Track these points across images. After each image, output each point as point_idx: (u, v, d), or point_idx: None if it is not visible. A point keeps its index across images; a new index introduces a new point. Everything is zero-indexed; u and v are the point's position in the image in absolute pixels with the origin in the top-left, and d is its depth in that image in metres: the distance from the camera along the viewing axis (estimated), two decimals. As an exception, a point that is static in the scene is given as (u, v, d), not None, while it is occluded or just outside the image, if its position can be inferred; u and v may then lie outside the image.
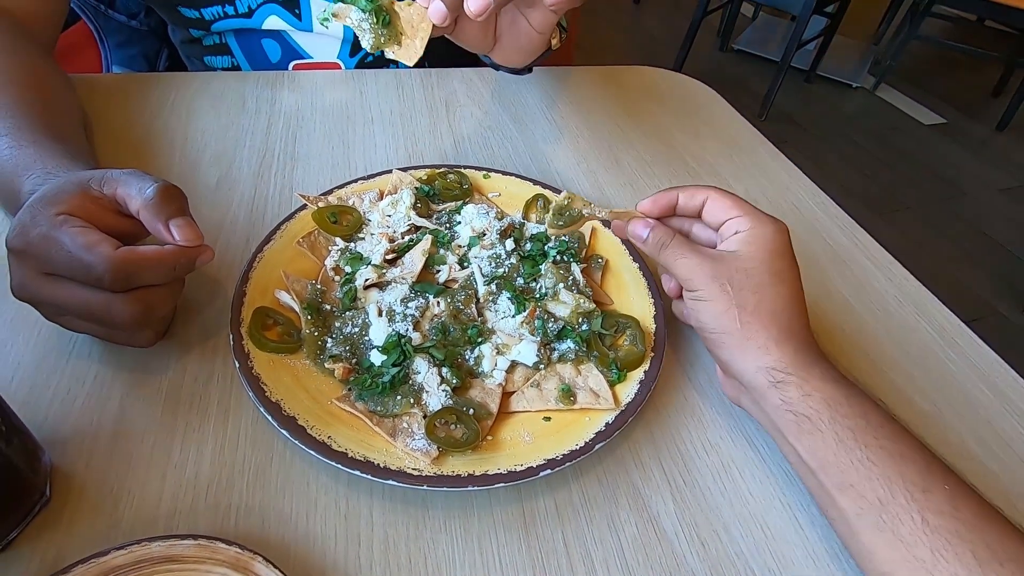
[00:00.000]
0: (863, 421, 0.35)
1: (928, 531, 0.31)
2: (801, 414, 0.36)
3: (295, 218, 0.52)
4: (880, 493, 0.33)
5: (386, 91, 0.75)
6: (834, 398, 0.36)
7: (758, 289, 0.39)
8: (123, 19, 0.86)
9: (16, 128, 0.46)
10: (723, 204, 0.42)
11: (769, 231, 0.41)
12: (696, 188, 0.44)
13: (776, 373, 0.38)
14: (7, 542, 0.33)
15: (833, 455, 0.35)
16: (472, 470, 0.37)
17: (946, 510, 0.31)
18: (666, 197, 0.45)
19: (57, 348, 0.43)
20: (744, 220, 0.41)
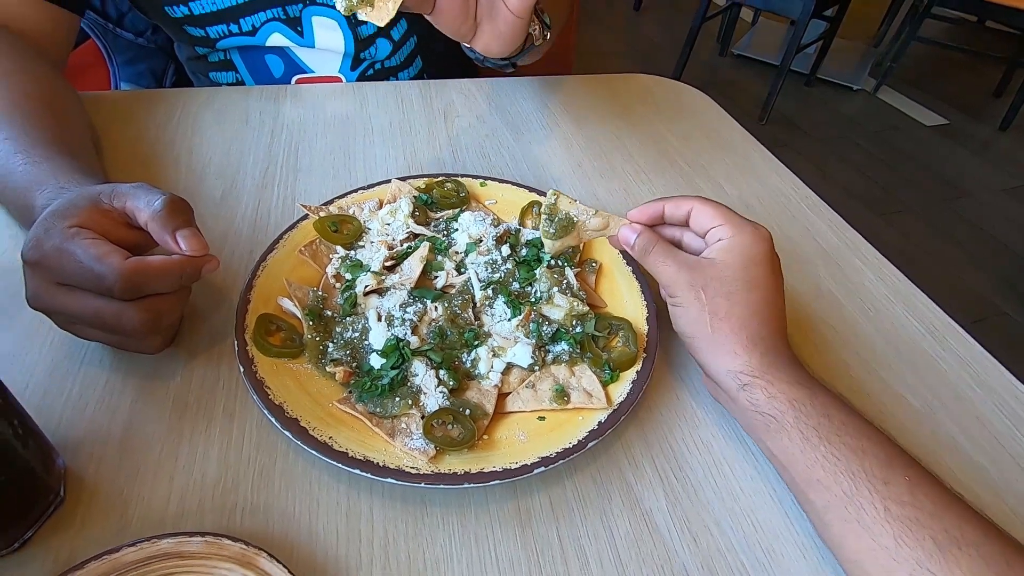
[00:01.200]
0: (825, 420, 0.37)
1: (890, 519, 0.33)
2: (767, 415, 0.38)
3: (297, 228, 0.53)
4: (844, 487, 0.34)
5: (386, 103, 0.77)
6: (798, 399, 0.38)
7: (730, 296, 0.41)
8: (131, 37, 0.88)
9: (30, 145, 0.48)
10: (707, 213, 0.44)
11: (748, 239, 0.42)
12: (681, 199, 0.46)
13: (743, 376, 0.39)
14: (23, 541, 0.34)
15: (800, 452, 0.36)
16: (468, 468, 0.38)
17: (906, 499, 0.33)
18: (653, 207, 0.46)
19: (70, 355, 0.44)
20: (725, 228, 0.43)
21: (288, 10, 0.76)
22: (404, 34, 0.85)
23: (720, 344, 0.40)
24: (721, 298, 0.41)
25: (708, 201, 0.45)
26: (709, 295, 0.41)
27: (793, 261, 0.59)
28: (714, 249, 0.43)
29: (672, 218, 0.46)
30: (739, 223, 0.43)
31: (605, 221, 0.48)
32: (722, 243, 0.42)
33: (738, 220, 0.43)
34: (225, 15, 0.74)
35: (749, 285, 0.41)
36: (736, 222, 0.43)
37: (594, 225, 0.49)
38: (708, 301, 0.41)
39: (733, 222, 0.43)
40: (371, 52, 0.83)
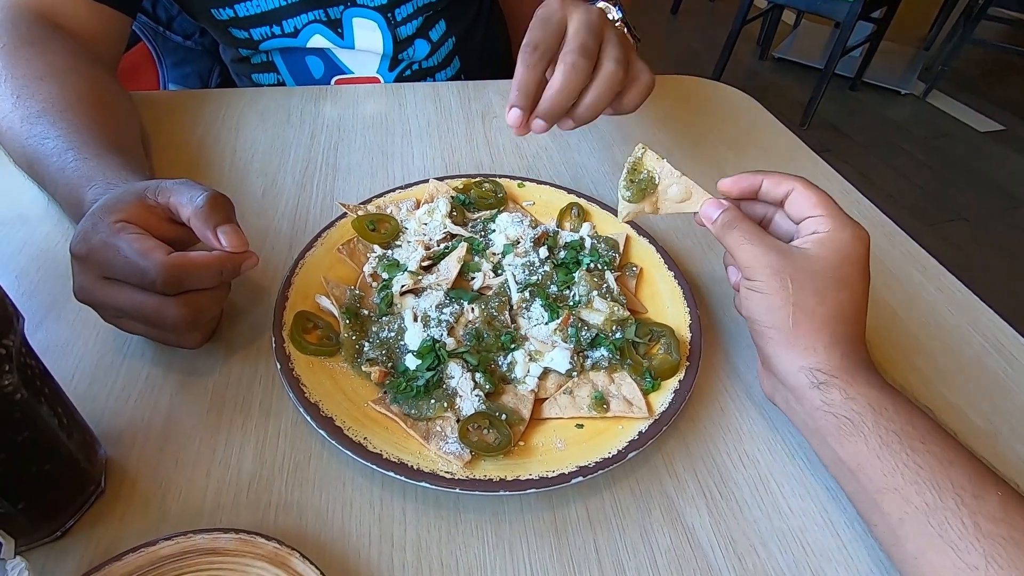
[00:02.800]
0: (909, 427, 0.34)
1: (981, 537, 0.30)
2: (843, 416, 0.36)
3: (335, 226, 0.53)
4: (927, 498, 0.32)
5: (424, 103, 0.77)
6: (879, 402, 0.35)
7: (819, 292, 0.38)
8: (179, 40, 0.91)
9: (82, 143, 0.50)
10: (807, 199, 0.41)
11: (848, 237, 0.39)
12: (782, 176, 0.43)
13: (819, 374, 0.37)
14: (65, 530, 0.34)
15: (877, 458, 0.34)
16: (504, 475, 0.37)
17: (1000, 516, 0.30)
18: (749, 179, 0.43)
19: (114, 349, 0.45)
20: (825, 221, 0.40)
21: (329, 12, 0.77)
22: (442, 35, 0.85)
23: (799, 339, 0.38)
24: (809, 292, 0.38)
25: (811, 186, 0.41)
26: (796, 285, 0.38)
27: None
28: (809, 240, 0.40)
29: (767, 195, 0.43)
30: (841, 218, 0.40)
31: (687, 192, 0.45)
32: (819, 236, 0.39)
33: (840, 215, 0.40)
34: (268, 17, 0.75)
35: (840, 284, 0.38)
36: (837, 216, 0.40)
37: (675, 194, 0.45)
38: (794, 292, 0.38)
39: (834, 216, 0.40)
40: (409, 53, 0.83)
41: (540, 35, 0.47)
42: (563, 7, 0.49)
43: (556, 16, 0.48)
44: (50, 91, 0.53)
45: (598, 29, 0.49)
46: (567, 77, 0.47)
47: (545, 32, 0.48)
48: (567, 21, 0.48)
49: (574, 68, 0.47)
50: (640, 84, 0.52)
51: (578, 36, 0.47)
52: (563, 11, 0.49)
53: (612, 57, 0.49)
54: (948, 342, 0.51)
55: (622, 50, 0.49)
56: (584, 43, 0.47)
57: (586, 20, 0.48)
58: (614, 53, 0.49)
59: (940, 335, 0.52)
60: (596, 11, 0.49)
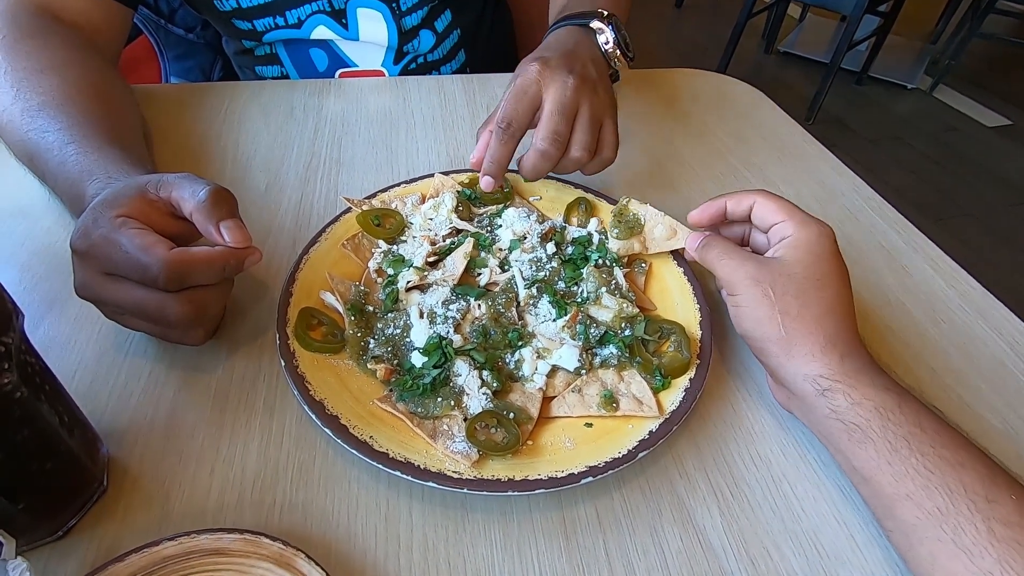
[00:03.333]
0: (917, 429, 0.34)
1: (995, 541, 0.29)
2: (851, 423, 0.35)
3: (340, 221, 0.53)
4: (940, 503, 0.31)
5: (428, 97, 0.76)
6: (885, 406, 0.35)
7: (801, 294, 0.38)
8: (181, 32, 0.90)
9: (83, 136, 0.49)
10: (769, 208, 0.42)
11: (813, 235, 0.40)
12: (743, 194, 0.44)
13: (822, 381, 0.37)
14: (67, 528, 0.34)
15: (887, 464, 0.33)
16: (512, 475, 0.37)
17: (1014, 520, 0.30)
18: (714, 206, 0.45)
19: (116, 346, 0.44)
20: (788, 225, 0.41)
21: (333, 2, 0.76)
22: (448, 26, 0.84)
23: (794, 346, 0.38)
24: (791, 296, 0.38)
25: (770, 195, 0.43)
26: (778, 293, 0.38)
27: (856, 266, 0.55)
28: (779, 247, 0.41)
29: (734, 215, 0.45)
30: (802, 219, 0.41)
31: (672, 231, 0.48)
32: (787, 240, 0.41)
33: (801, 216, 0.41)
34: (272, 8, 0.74)
35: (819, 283, 0.39)
36: (799, 218, 0.41)
37: (660, 234, 0.49)
38: (777, 299, 0.38)
39: (796, 218, 0.41)
40: (414, 45, 0.82)
41: (513, 111, 0.50)
42: (540, 78, 0.51)
43: (532, 90, 0.51)
44: (51, 84, 0.52)
45: (571, 109, 0.51)
46: (536, 163, 0.51)
47: (519, 107, 0.50)
48: (542, 96, 0.51)
49: (544, 155, 0.50)
50: (600, 160, 0.54)
51: (551, 121, 0.50)
52: (539, 84, 0.51)
53: (579, 144, 0.51)
54: (962, 340, 0.50)
55: (590, 131, 0.52)
56: (556, 130, 0.50)
57: (560, 101, 0.50)
58: (582, 139, 0.51)
59: (953, 333, 0.51)
60: (572, 86, 0.51)
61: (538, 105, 0.51)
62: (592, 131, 0.52)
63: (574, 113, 0.51)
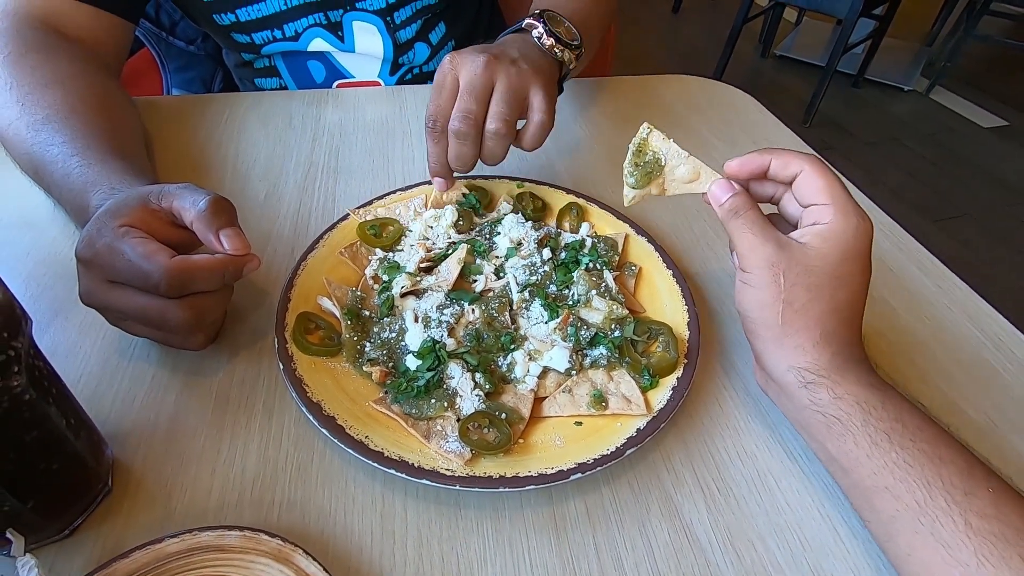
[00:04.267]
0: (899, 424, 0.34)
1: (971, 534, 0.30)
2: (831, 416, 0.36)
3: (337, 228, 0.54)
4: (918, 496, 0.32)
5: (423, 105, 0.76)
6: (868, 401, 0.35)
7: (813, 289, 0.37)
8: (182, 45, 0.92)
9: (86, 148, 0.50)
10: (814, 185, 0.39)
11: (850, 230, 0.37)
12: (791, 156, 0.40)
13: (807, 374, 0.37)
14: (73, 528, 0.35)
15: (867, 457, 0.34)
16: (504, 472, 0.38)
17: (990, 513, 0.30)
18: (757, 160, 0.41)
19: (119, 351, 0.46)
20: (827, 211, 0.38)
21: (330, 15, 0.78)
22: (442, 38, 0.86)
23: (787, 336, 0.37)
24: (802, 288, 0.37)
25: (820, 169, 0.39)
26: (789, 281, 0.37)
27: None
28: (809, 232, 0.38)
29: (776, 176, 0.41)
30: (845, 208, 0.38)
31: (696, 172, 0.43)
32: (819, 228, 0.38)
33: (845, 204, 0.38)
34: (269, 21, 0.76)
35: (838, 282, 0.37)
36: (843, 206, 0.38)
37: (682, 175, 0.44)
38: (786, 288, 0.37)
39: (839, 205, 0.38)
40: (410, 57, 0.84)
41: (435, 107, 0.51)
42: (452, 67, 0.52)
43: (447, 80, 0.51)
44: (55, 98, 0.54)
45: (483, 86, 0.51)
46: (456, 146, 0.52)
47: (438, 102, 0.51)
48: (457, 82, 0.51)
49: (457, 135, 0.51)
50: (533, 125, 0.53)
51: (460, 103, 0.51)
52: (453, 72, 0.52)
53: (494, 115, 0.51)
54: (947, 338, 0.51)
55: (506, 101, 0.51)
56: (465, 108, 0.50)
57: (469, 81, 0.51)
58: (496, 110, 0.51)
59: (938, 331, 0.52)
60: (483, 63, 0.51)
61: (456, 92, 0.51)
62: (509, 102, 0.51)
63: (487, 90, 0.51)
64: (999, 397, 0.47)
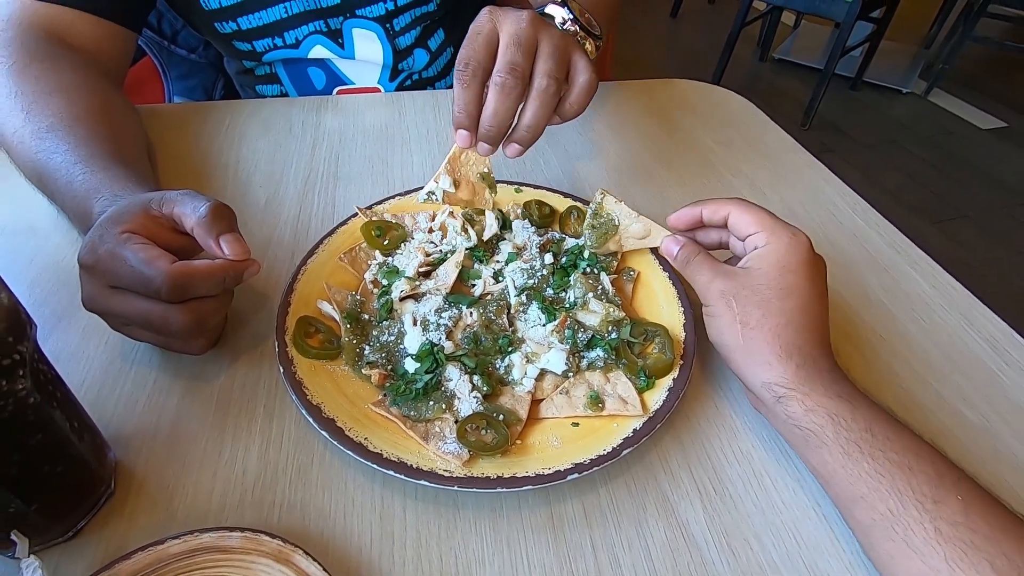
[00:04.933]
0: (868, 435, 0.35)
1: (941, 541, 0.31)
2: (806, 428, 0.37)
3: (337, 233, 0.55)
4: (891, 504, 0.33)
5: (423, 111, 0.78)
6: (838, 412, 0.36)
7: (762, 304, 0.40)
8: (184, 53, 0.93)
9: (89, 156, 0.51)
10: (744, 219, 0.43)
11: (782, 246, 0.41)
12: (719, 202, 0.45)
13: (777, 388, 0.38)
14: (77, 530, 0.36)
15: (841, 468, 0.35)
16: (502, 472, 0.38)
17: (959, 520, 0.31)
18: (690, 212, 0.46)
19: (122, 356, 0.46)
20: (761, 236, 0.42)
21: (330, 23, 0.79)
22: (441, 44, 0.86)
23: (753, 354, 0.39)
24: (752, 307, 0.40)
25: (745, 205, 0.44)
26: (740, 304, 0.40)
27: (840, 269, 0.57)
28: (750, 258, 0.42)
29: (711, 222, 0.46)
30: (775, 229, 0.42)
31: (647, 229, 0.49)
32: (757, 251, 0.42)
33: (774, 226, 0.42)
34: (270, 29, 0.77)
35: (783, 293, 0.40)
36: (772, 228, 0.42)
37: (635, 232, 0.49)
38: (739, 310, 0.40)
39: (768, 228, 0.42)
40: (409, 63, 0.85)
41: (470, 51, 0.48)
42: (492, 18, 0.48)
43: (486, 28, 0.48)
44: (59, 106, 0.55)
45: (529, 41, 0.48)
46: (497, 99, 0.48)
47: (474, 47, 0.48)
48: (497, 34, 0.48)
49: (503, 89, 0.47)
50: (579, 87, 0.51)
51: (507, 53, 0.47)
52: (492, 23, 0.48)
53: (543, 72, 0.48)
54: (943, 339, 0.52)
55: (555, 60, 0.48)
56: (512, 60, 0.47)
57: (515, 33, 0.47)
58: (545, 67, 0.48)
59: (935, 332, 0.52)
60: (528, 19, 0.48)
61: (495, 43, 0.48)
62: (558, 60, 0.49)
63: (533, 45, 0.48)
64: (996, 398, 0.47)
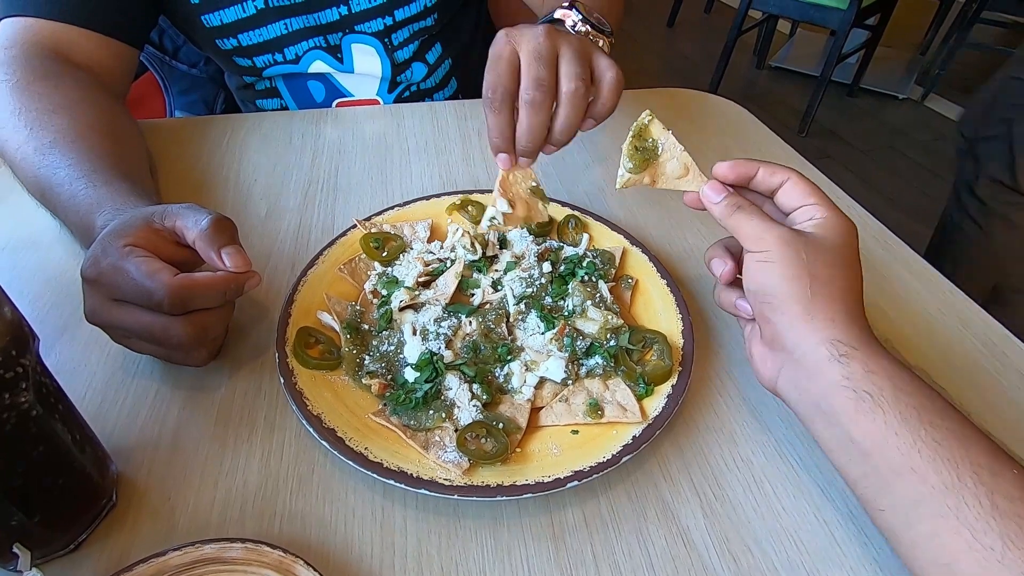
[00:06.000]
0: (928, 401, 0.34)
1: (997, 516, 0.29)
2: (863, 391, 0.35)
3: (337, 244, 0.55)
4: (944, 477, 0.31)
5: (422, 123, 0.79)
6: (900, 376, 0.35)
7: (832, 265, 0.38)
8: (185, 68, 0.94)
9: (92, 171, 0.52)
10: (802, 189, 0.41)
11: (846, 225, 0.40)
12: (777, 167, 0.42)
13: (841, 346, 0.36)
14: (78, 542, 0.36)
15: (895, 435, 0.33)
16: (502, 481, 0.38)
17: (1016, 495, 0.29)
18: (746, 167, 0.43)
19: (123, 368, 0.47)
20: (821, 209, 0.40)
21: (329, 38, 0.80)
22: (439, 57, 0.87)
23: (818, 309, 0.37)
24: (822, 264, 0.37)
25: (804, 178, 0.41)
26: (811, 257, 0.38)
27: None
28: (808, 225, 0.40)
29: (760, 184, 0.43)
30: (834, 207, 0.40)
31: (685, 168, 0.45)
32: (817, 221, 0.39)
33: (833, 205, 0.40)
34: (270, 45, 0.78)
35: (848, 262, 0.38)
36: (832, 206, 0.40)
37: (672, 169, 0.45)
38: (809, 262, 0.37)
39: (830, 205, 0.40)
40: (407, 76, 0.86)
41: (494, 76, 0.49)
42: (509, 39, 0.50)
43: (505, 51, 0.49)
44: (62, 123, 0.55)
45: (549, 53, 0.49)
46: (530, 116, 0.49)
47: (498, 72, 0.49)
48: (517, 54, 0.49)
49: (533, 105, 0.49)
50: (607, 84, 0.52)
51: (530, 70, 0.49)
52: (510, 44, 0.50)
53: (569, 76, 0.49)
54: (940, 343, 0.52)
55: (578, 62, 0.50)
56: (537, 76, 0.48)
57: (534, 48, 0.49)
58: (570, 71, 0.49)
59: (931, 336, 0.53)
60: (544, 32, 0.50)
61: (517, 64, 0.49)
62: (580, 62, 0.50)
63: (555, 56, 0.49)
64: (993, 401, 0.47)
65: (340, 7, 0.77)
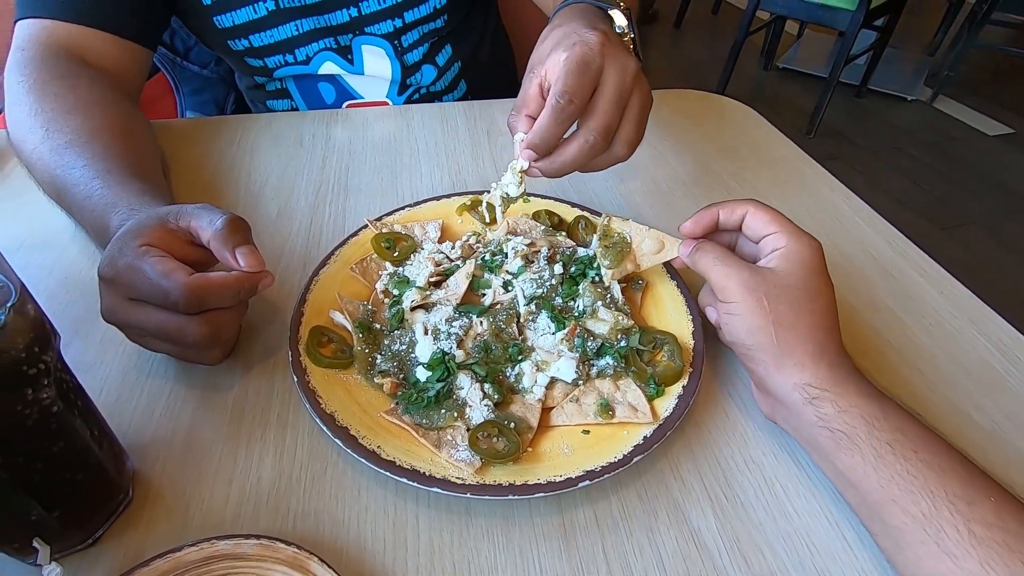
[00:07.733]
0: (900, 435, 0.35)
1: (975, 543, 0.31)
2: (838, 430, 0.37)
3: (348, 244, 0.55)
4: (923, 507, 0.33)
5: (431, 124, 0.79)
6: (871, 413, 0.36)
7: (795, 304, 0.39)
8: (196, 69, 0.95)
9: (107, 171, 0.52)
10: (761, 219, 0.43)
11: (805, 249, 0.41)
12: (735, 203, 0.45)
13: (811, 389, 0.38)
14: (96, 537, 0.36)
15: (873, 470, 0.35)
16: (513, 480, 0.38)
17: (993, 521, 0.31)
18: (707, 215, 0.46)
19: (139, 366, 0.47)
20: (780, 237, 0.42)
21: (339, 40, 0.80)
22: (449, 59, 0.88)
23: (785, 355, 0.39)
24: (784, 306, 0.39)
25: (762, 206, 0.44)
26: (772, 302, 0.39)
27: (848, 276, 0.58)
28: (772, 257, 0.42)
29: (726, 224, 0.45)
30: (794, 231, 0.42)
31: (659, 243, 0.49)
32: (779, 251, 0.41)
33: (793, 228, 0.42)
34: (282, 46, 0.79)
35: (812, 294, 0.40)
36: (791, 230, 0.42)
37: (649, 248, 0.49)
38: (772, 309, 0.39)
39: (788, 230, 0.42)
40: (417, 78, 0.86)
41: (577, 85, 0.45)
42: (603, 53, 0.46)
43: (595, 64, 0.46)
44: (77, 124, 0.56)
45: (626, 99, 0.47)
46: (581, 155, 0.47)
47: (582, 82, 0.45)
48: (603, 73, 0.46)
49: (591, 148, 0.47)
50: (611, 156, 0.50)
51: (606, 113, 0.46)
52: (602, 58, 0.46)
53: (625, 141, 0.49)
54: (951, 345, 0.52)
55: (637, 130, 0.49)
56: (609, 124, 0.47)
57: (619, 89, 0.47)
58: (629, 137, 0.48)
59: (943, 338, 0.52)
60: (632, 70, 0.47)
61: (597, 82, 0.46)
62: (640, 127, 0.49)
63: (626, 99, 0.47)
64: (1006, 403, 0.47)
65: (350, 9, 0.77)
